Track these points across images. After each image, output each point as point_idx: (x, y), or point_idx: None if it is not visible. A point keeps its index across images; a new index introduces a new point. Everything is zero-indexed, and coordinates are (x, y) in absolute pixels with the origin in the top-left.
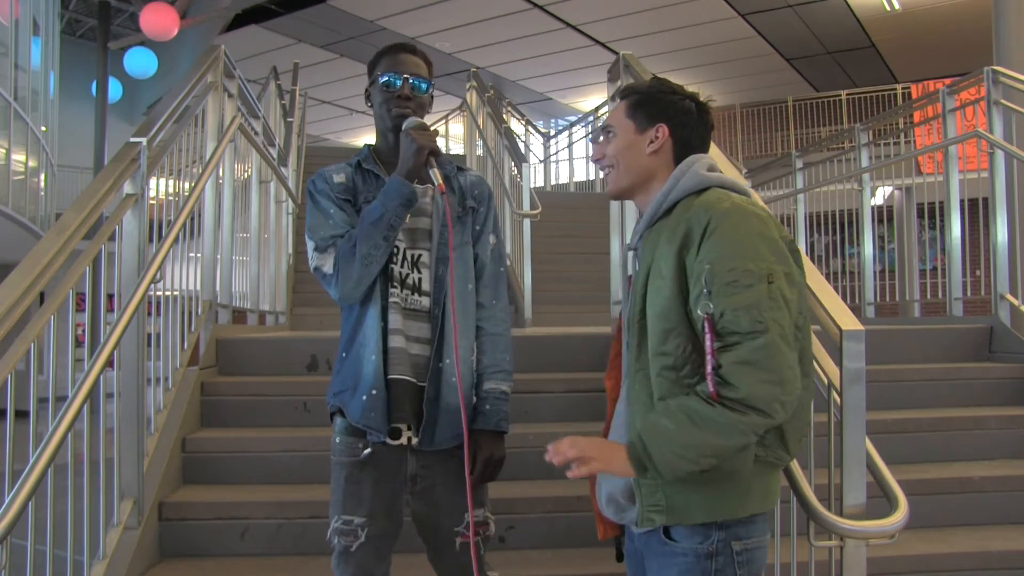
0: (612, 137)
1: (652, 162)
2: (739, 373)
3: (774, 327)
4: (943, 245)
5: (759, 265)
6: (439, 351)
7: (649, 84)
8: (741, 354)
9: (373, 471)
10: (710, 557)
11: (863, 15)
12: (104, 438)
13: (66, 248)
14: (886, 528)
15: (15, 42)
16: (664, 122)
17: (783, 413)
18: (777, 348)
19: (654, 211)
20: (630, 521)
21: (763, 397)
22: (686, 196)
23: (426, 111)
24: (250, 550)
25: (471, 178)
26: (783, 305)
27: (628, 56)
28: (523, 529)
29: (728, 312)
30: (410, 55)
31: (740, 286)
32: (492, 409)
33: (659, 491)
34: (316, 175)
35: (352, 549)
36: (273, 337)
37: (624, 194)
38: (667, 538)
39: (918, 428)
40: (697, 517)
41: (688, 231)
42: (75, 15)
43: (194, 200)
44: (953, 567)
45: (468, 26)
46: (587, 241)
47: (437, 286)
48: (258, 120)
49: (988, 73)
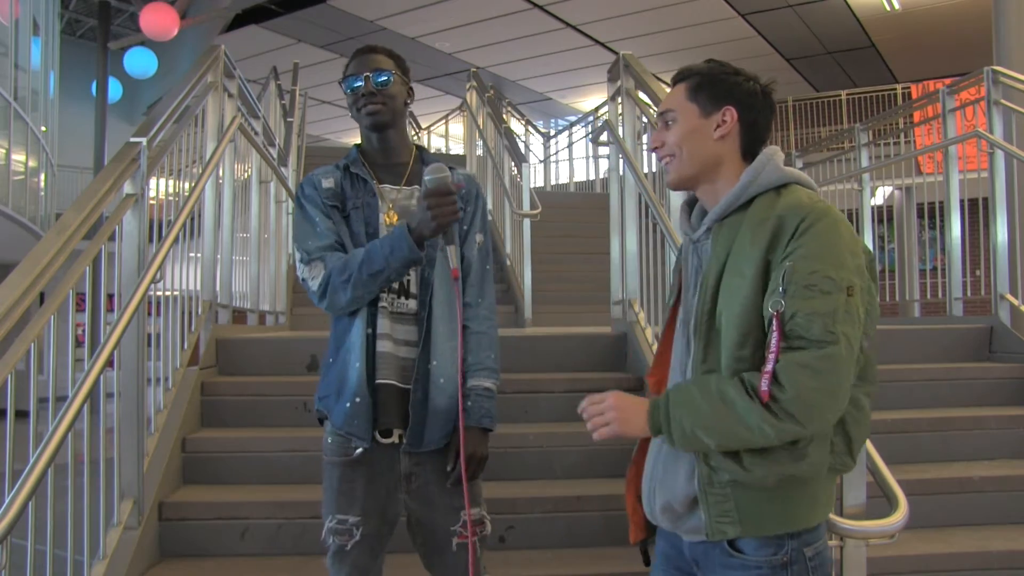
0: (673, 122)
1: (719, 148)
2: (795, 374)
3: (843, 340)
4: (943, 245)
5: (841, 275)
6: (426, 353)
7: (706, 65)
8: (804, 358)
9: (366, 470)
10: (785, 567)
11: (863, 15)
12: (104, 438)
13: (66, 248)
14: (886, 528)
15: (15, 42)
16: (731, 104)
17: (820, 428)
18: (842, 361)
19: (729, 203)
20: (689, 530)
21: (809, 405)
22: (766, 191)
23: (402, 100)
24: (250, 550)
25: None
26: (856, 320)
27: (628, 56)
28: (523, 529)
29: (800, 315)
30: (368, 54)
31: (818, 291)
32: (474, 406)
33: (729, 500)
34: (305, 180)
35: (347, 548)
36: (273, 337)
37: (688, 183)
38: (733, 550)
39: (918, 428)
40: (770, 528)
41: (778, 228)
42: (75, 15)
43: (194, 200)
44: (953, 567)
45: (468, 26)
46: (587, 241)
47: (423, 288)
48: (258, 120)
49: (988, 73)
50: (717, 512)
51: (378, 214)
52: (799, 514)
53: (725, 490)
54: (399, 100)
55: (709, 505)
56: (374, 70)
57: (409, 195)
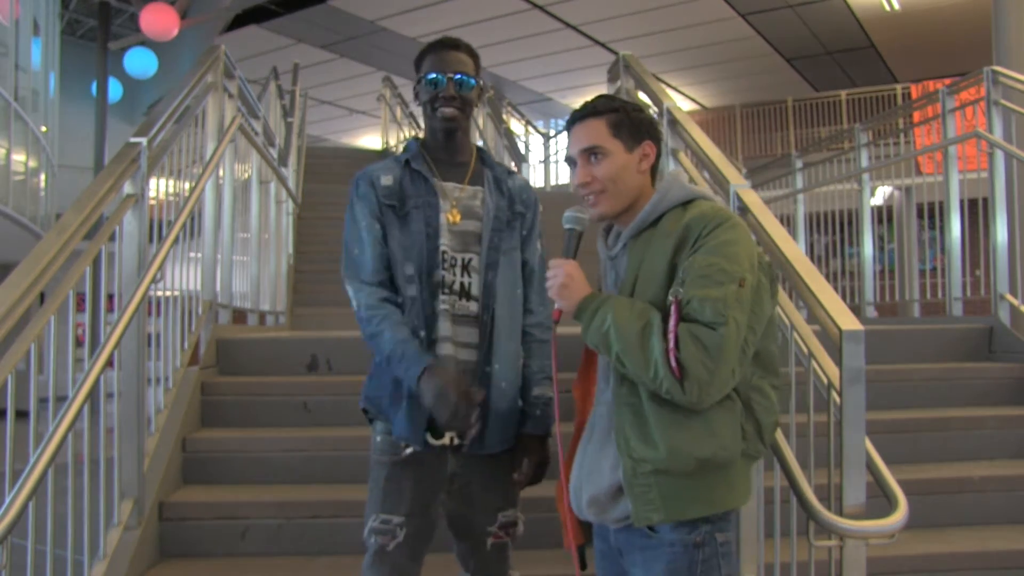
0: (602, 157)
1: (642, 179)
2: (687, 342)
3: (732, 324)
4: (943, 245)
5: (734, 268)
6: (487, 357)
7: (614, 102)
8: (696, 330)
9: (414, 471)
10: (698, 547)
11: (863, 15)
12: (104, 438)
13: (66, 248)
14: (886, 528)
15: (15, 42)
16: (649, 139)
17: (697, 397)
18: (728, 342)
19: (642, 220)
20: (614, 519)
21: (691, 372)
22: (673, 208)
23: (475, 106)
24: (250, 550)
25: (519, 182)
26: (745, 308)
27: (628, 56)
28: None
29: (696, 300)
30: (455, 52)
31: (713, 281)
32: (542, 415)
33: (653, 490)
34: (361, 175)
35: (388, 549)
36: (273, 337)
37: (616, 216)
38: (651, 531)
39: (918, 428)
40: (691, 512)
41: (685, 235)
42: (75, 15)
43: (194, 200)
44: (953, 567)
45: (468, 26)
46: (587, 241)
47: (486, 291)
48: (258, 120)
49: (988, 73)
50: (642, 501)
51: (439, 213)
52: (717, 498)
53: (649, 480)
54: (474, 104)
55: (635, 496)
56: (459, 72)
57: (473, 195)
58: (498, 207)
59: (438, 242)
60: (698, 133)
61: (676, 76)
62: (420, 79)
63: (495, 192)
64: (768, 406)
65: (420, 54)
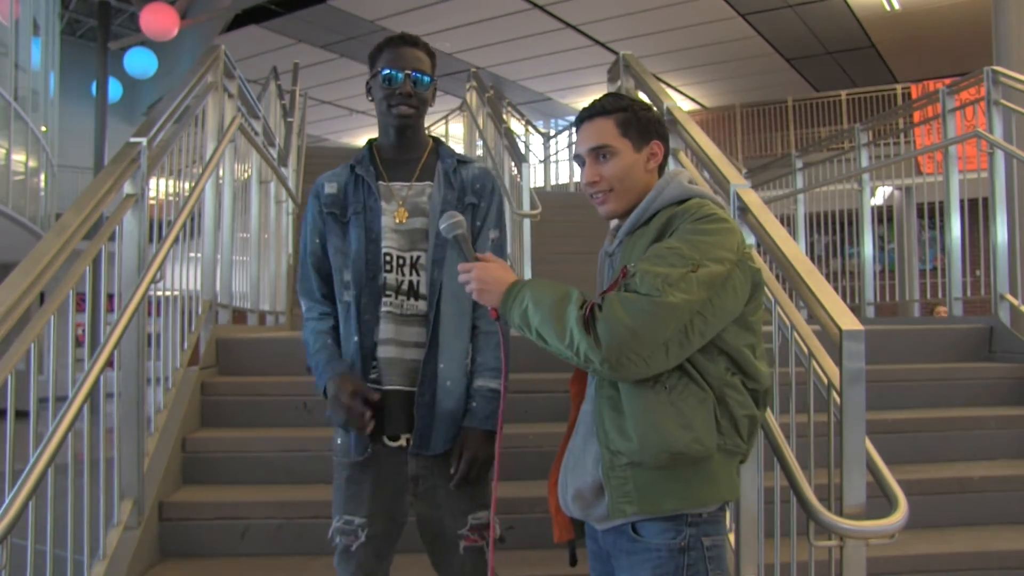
0: (610, 157)
1: (649, 178)
2: (611, 303)
3: (668, 297)
4: (943, 245)
5: (693, 254)
6: (433, 354)
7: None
8: (627, 296)
9: (374, 472)
10: (683, 552)
11: (863, 15)
12: (104, 438)
13: (66, 248)
14: (886, 528)
15: (15, 42)
16: (656, 138)
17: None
18: (659, 310)
19: (636, 219)
20: (598, 517)
21: (611, 333)
22: (668, 206)
23: (429, 105)
24: (250, 550)
25: (474, 171)
26: (689, 291)
27: (628, 56)
28: (523, 529)
29: (640, 273)
30: (412, 48)
31: (664, 261)
32: (479, 407)
33: (629, 482)
34: (316, 183)
35: (352, 549)
36: (273, 337)
37: (624, 214)
38: (636, 534)
39: (918, 428)
40: (667, 506)
41: (666, 225)
42: (75, 15)
43: (194, 200)
44: (953, 567)
45: (468, 26)
46: (587, 241)
47: (432, 289)
48: (258, 120)
49: (988, 73)
50: (618, 494)
51: (380, 218)
52: (694, 493)
53: (625, 472)
54: (429, 103)
55: (611, 488)
56: (416, 70)
57: (420, 191)
58: (445, 201)
59: (380, 245)
60: (698, 133)
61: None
62: (375, 74)
63: (444, 186)
64: (742, 400)
65: (376, 49)
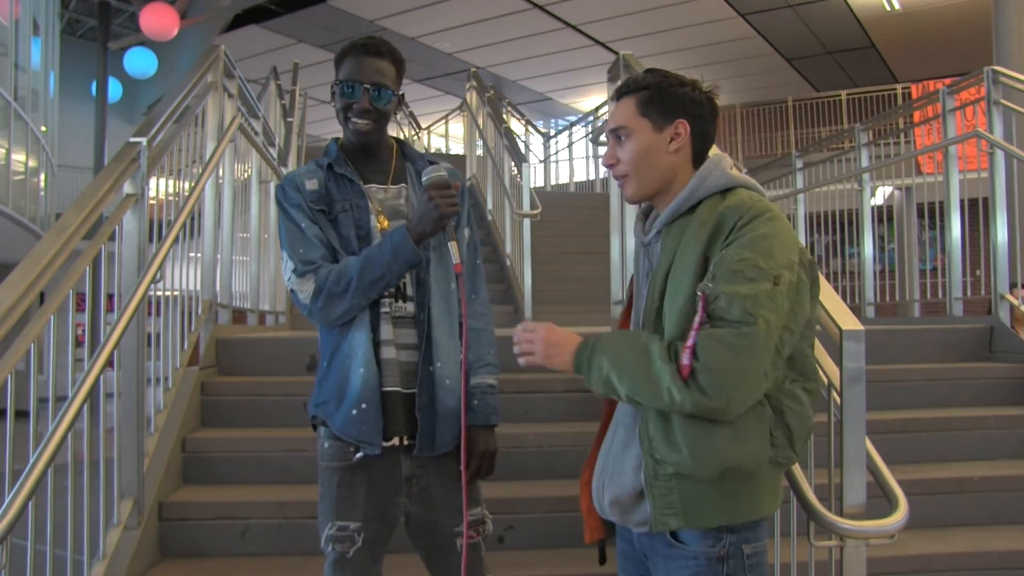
0: (627, 138)
1: (674, 160)
2: (709, 348)
3: (762, 324)
4: (943, 245)
5: (769, 264)
6: (428, 355)
7: (652, 77)
8: (721, 334)
9: (366, 474)
10: (722, 560)
11: (863, 15)
12: (104, 438)
13: (66, 248)
14: (886, 528)
15: (15, 42)
16: (683, 117)
17: (727, 404)
18: (757, 342)
19: (677, 207)
20: (637, 523)
21: (718, 378)
22: (712, 195)
23: (393, 116)
24: (250, 550)
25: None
26: (779, 309)
27: (628, 56)
28: (522, 529)
29: (723, 297)
30: (374, 59)
31: (744, 277)
32: (481, 404)
33: (674, 493)
34: (285, 181)
35: (349, 555)
36: (273, 337)
37: (647, 198)
38: (675, 540)
39: (918, 428)
40: (712, 520)
41: (719, 226)
42: (75, 15)
43: (194, 200)
44: (953, 567)
45: (468, 26)
46: (587, 241)
47: (420, 290)
48: (258, 120)
49: (988, 73)
50: (662, 504)
51: (369, 215)
52: (741, 507)
53: (670, 483)
54: (391, 114)
55: (654, 497)
56: (376, 84)
57: (397, 194)
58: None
59: (371, 244)
60: None
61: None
62: (336, 80)
63: (419, 187)
64: (801, 412)
65: (340, 53)
